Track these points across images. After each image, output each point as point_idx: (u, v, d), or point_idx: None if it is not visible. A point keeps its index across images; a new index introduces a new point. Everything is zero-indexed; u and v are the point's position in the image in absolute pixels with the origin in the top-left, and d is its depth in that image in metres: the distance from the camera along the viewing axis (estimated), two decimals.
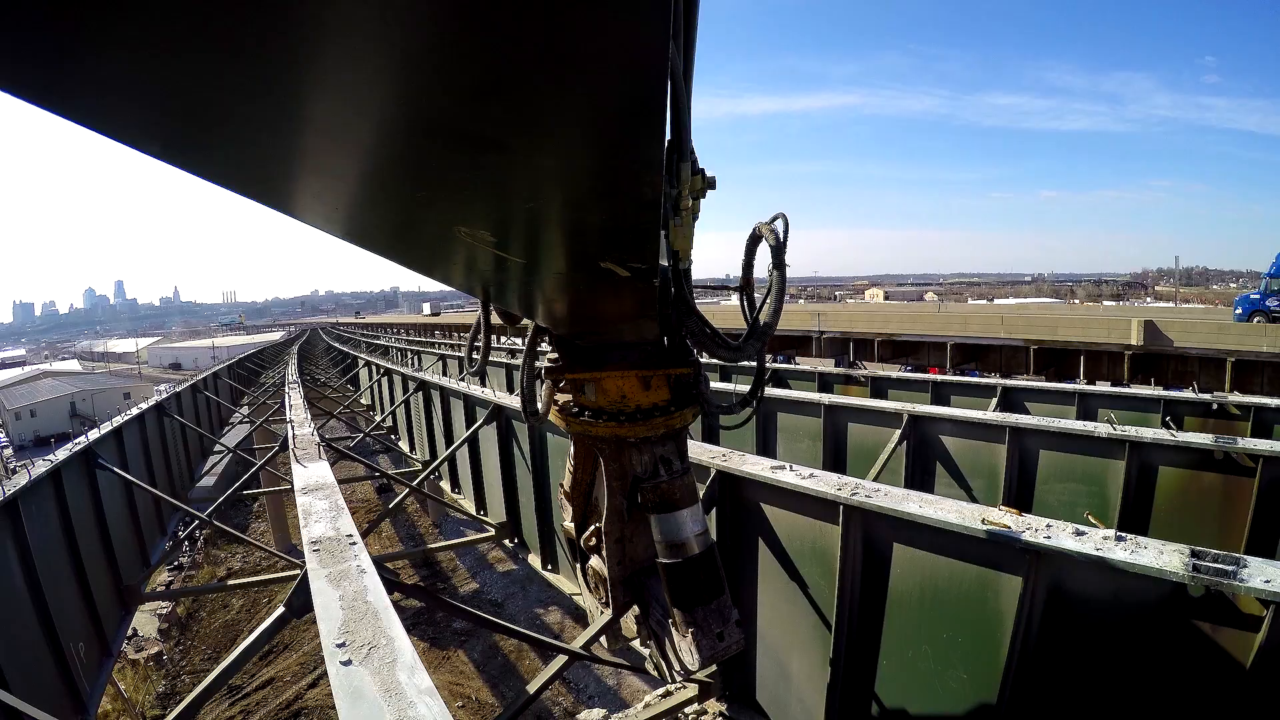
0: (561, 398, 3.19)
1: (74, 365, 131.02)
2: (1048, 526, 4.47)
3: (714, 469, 6.37)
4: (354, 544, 4.73)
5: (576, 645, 5.69)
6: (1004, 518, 4.57)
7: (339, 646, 3.30)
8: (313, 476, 6.81)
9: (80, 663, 7.84)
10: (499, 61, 0.97)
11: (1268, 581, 3.66)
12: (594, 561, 3.44)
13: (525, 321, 3.11)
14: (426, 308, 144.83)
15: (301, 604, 4.76)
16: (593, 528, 3.39)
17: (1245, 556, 3.91)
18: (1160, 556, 3.98)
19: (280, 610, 4.83)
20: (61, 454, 9.15)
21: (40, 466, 8.37)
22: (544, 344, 3.28)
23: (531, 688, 5.48)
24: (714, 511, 6.48)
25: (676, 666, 3.20)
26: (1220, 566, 3.81)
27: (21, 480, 7.69)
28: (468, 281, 2.42)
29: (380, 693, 2.89)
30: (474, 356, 3.52)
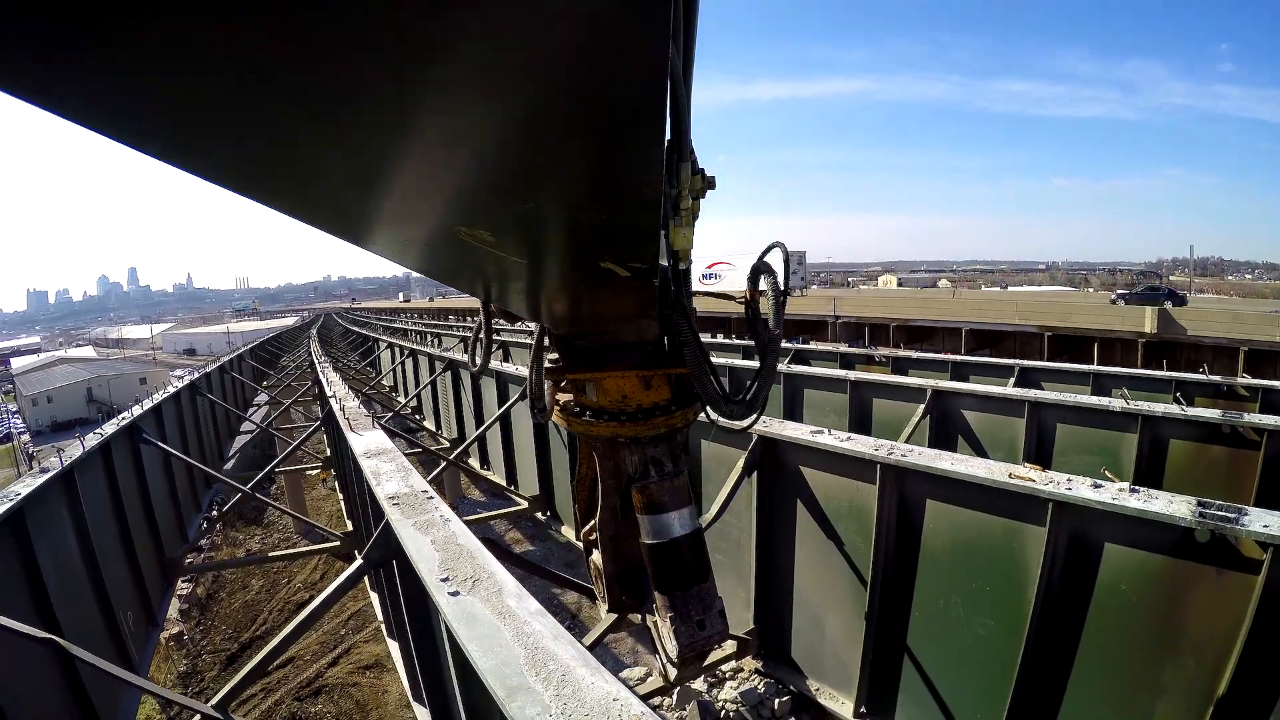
0: (562, 397, 3.21)
1: (89, 352, 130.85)
2: (1068, 480, 4.84)
3: (755, 434, 6.70)
4: (431, 498, 5.01)
5: (587, 641, 5.90)
6: (1029, 473, 4.94)
7: (443, 581, 3.56)
8: (371, 443, 7.03)
9: (130, 631, 8.16)
10: (498, 62, 0.96)
11: (1266, 526, 4.05)
12: (595, 556, 3.49)
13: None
14: (401, 296, 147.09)
15: (380, 556, 5.08)
16: (592, 523, 3.43)
17: (1246, 506, 4.30)
18: (1170, 505, 4.36)
19: (359, 562, 5.16)
20: (109, 428, 9.44)
21: (91, 439, 8.67)
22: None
23: (586, 641, 5.82)
24: (755, 475, 6.83)
25: (663, 657, 3.19)
26: (1223, 514, 4.20)
27: (76, 452, 7.96)
28: (468, 282, 2.45)
29: (495, 616, 3.14)
30: (478, 356, 3.63)
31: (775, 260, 2.82)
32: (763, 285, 2.82)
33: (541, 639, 2.85)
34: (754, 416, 3.04)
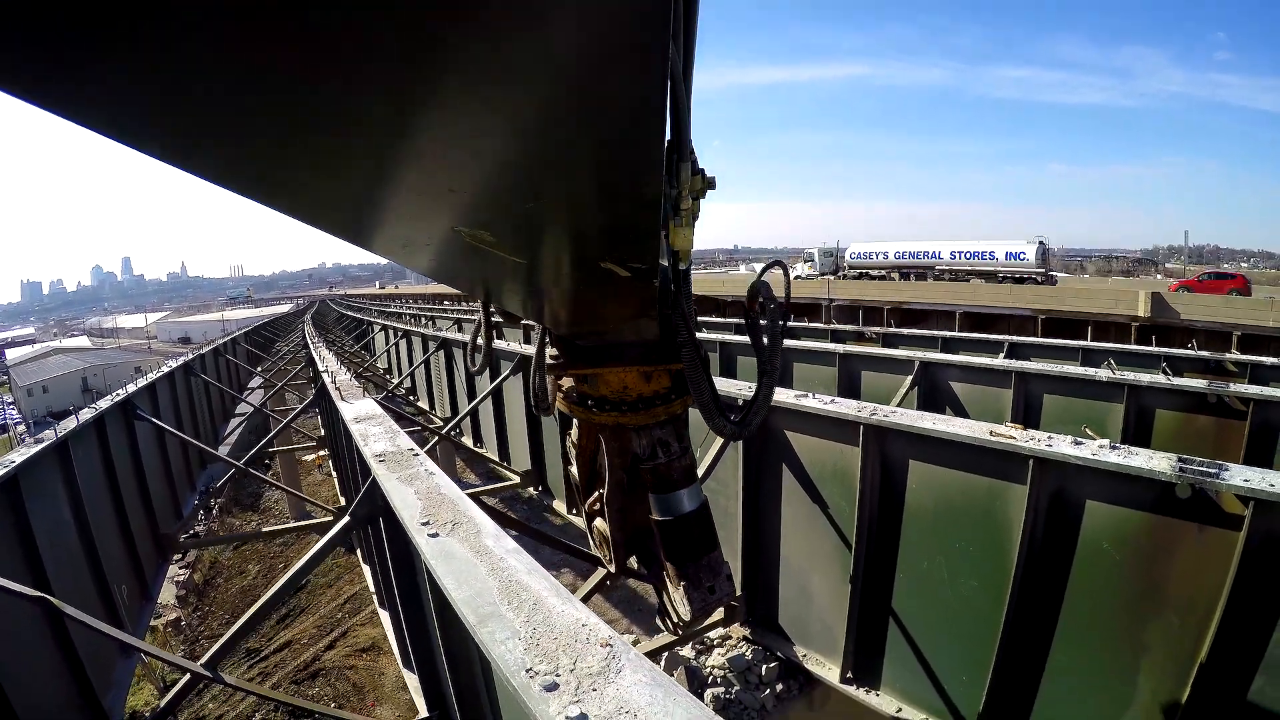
0: (565, 383, 3.22)
1: (84, 341, 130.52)
2: (1048, 437, 4.89)
3: (740, 399, 6.68)
4: (416, 455, 5.03)
5: (580, 593, 5.97)
6: (1010, 430, 4.97)
7: (424, 525, 3.60)
8: (361, 409, 7.05)
9: (124, 603, 8.21)
10: (499, 64, 0.96)
11: (1247, 480, 4.08)
12: (598, 523, 3.51)
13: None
14: (378, 284, 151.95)
15: (367, 513, 5.11)
16: (597, 494, 3.46)
17: (1226, 463, 4.32)
18: (1150, 460, 4.40)
19: (345, 520, 5.18)
20: (104, 403, 9.48)
21: (86, 413, 8.73)
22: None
23: (578, 595, 5.89)
24: (740, 441, 6.81)
25: (673, 617, 3.29)
26: (1204, 469, 4.22)
27: (71, 424, 8.00)
28: (468, 282, 2.49)
29: (471, 553, 3.19)
30: (479, 347, 3.72)
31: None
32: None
33: (516, 573, 2.90)
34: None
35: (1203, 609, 4.30)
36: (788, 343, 13.57)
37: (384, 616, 7.57)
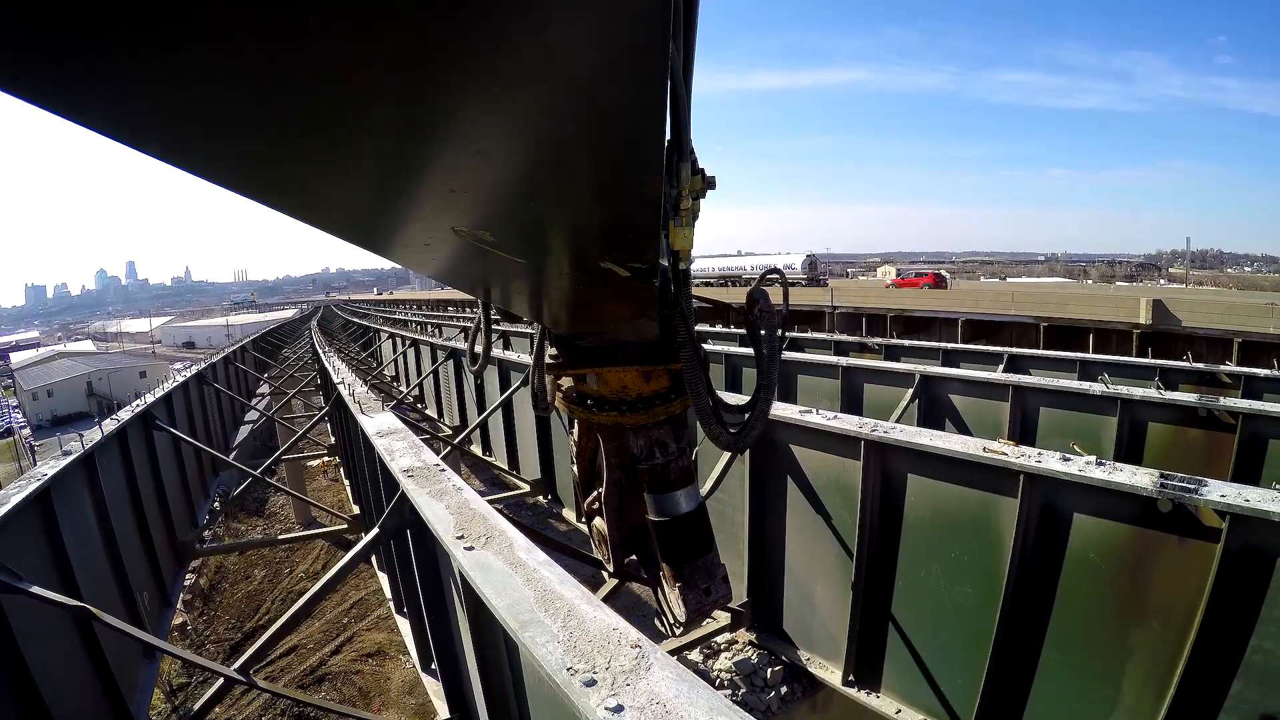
0: (564, 383, 3.26)
1: (88, 346, 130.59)
2: (1038, 454, 5.14)
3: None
4: (443, 470, 5.26)
5: (599, 596, 6.17)
6: (1002, 447, 5.23)
7: (459, 539, 3.81)
8: (382, 423, 7.25)
9: (146, 609, 8.40)
10: (500, 62, 0.95)
11: (1224, 496, 4.32)
12: (598, 523, 3.58)
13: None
14: (375, 290, 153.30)
15: (395, 525, 5.35)
16: (596, 493, 3.52)
17: (1206, 478, 4.57)
18: (1133, 476, 4.65)
19: (375, 531, 5.42)
20: (124, 414, 9.67)
21: (109, 424, 8.86)
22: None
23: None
24: (747, 453, 7.08)
25: (669, 619, 3.37)
26: (1184, 485, 4.47)
27: (96, 436, 8.17)
28: (468, 282, 2.50)
29: (507, 566, 3.40)
30: (476, 353, 3.86)
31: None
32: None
33: (550, 583, 3.13)
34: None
35: (1183, 616, 4.51)
36: (792, 355, 13.85)
37: (403, 624, 7.78)
